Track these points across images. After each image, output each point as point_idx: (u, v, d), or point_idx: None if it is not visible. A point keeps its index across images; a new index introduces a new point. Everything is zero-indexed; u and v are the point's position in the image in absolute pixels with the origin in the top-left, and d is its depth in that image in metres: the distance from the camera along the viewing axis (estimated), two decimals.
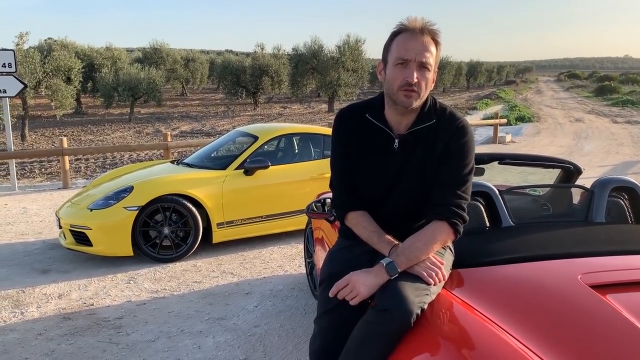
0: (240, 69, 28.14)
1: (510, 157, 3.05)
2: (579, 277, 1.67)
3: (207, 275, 4.59)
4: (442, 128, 1.78)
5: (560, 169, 3.14)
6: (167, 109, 26.81)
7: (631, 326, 1.43)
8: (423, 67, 1.71)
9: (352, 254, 1.89)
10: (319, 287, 1.93)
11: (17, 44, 16.19)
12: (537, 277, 1.73)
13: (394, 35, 1.76)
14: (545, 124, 20.24)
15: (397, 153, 1.80)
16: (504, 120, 16.47)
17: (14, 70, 8.55)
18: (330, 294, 1.70)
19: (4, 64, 8.42)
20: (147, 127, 19.13)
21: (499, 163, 3.03)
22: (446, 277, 1.73)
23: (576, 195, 2.76)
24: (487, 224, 2.29)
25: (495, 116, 15.65)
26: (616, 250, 1.97)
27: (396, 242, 1.75)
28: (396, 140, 1.80)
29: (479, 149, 13.78)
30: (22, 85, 8.71)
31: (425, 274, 1.65)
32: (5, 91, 8.50)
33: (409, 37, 1.72)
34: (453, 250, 1.88)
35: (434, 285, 1.66)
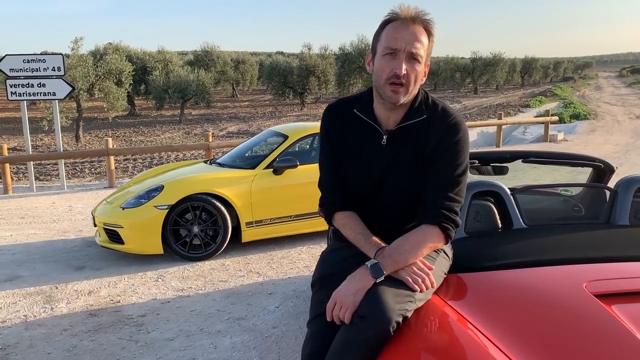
0: (287, 69, 28.39)
1: (535, 155, 2.88)
2: (584, 285, 1.53)
3: (234, 275, 4.59)
4: (434, 124, 1.67)
5: (591, 168, 2.93)
6: (216, 110, 27.36)
7: (634, 341, 1.28)
8: (413, 58, 1.61)
9: (343, 256, 1.80)
10: (311, 289, 1.85)
11: (73, 49, 16.93)
12: (537, 285, 1.59)
13: (385, 24, 1.66)
14: (602, 121, 19.31)
15: (385, 149, 1.70)
16: (555, 118, 15.77)
17: (63, 74, 8.88)
18: (328, 318, 1.61)
19: (54, 67, 8.77)
20: (195, 128, 19.56)
21: (522, 161, 2.85)
22: (435, 284, 1.61)
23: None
24: (499, 225, 2.15)
25: (546, 114, 14.99)
26: (636, 255, 1.80)
27: (384, 244, 1.65)
28: (384, 137, 1.70)
29: (529, 147, 13.22)
30: (70, 88, 9.03)
31: (411, 280, 1.55)
32: (54, 94, 8.85)
33: (399, 25, 1.62)
34: (449, 255, 1.76)
35: (420, 292, 1.55)
